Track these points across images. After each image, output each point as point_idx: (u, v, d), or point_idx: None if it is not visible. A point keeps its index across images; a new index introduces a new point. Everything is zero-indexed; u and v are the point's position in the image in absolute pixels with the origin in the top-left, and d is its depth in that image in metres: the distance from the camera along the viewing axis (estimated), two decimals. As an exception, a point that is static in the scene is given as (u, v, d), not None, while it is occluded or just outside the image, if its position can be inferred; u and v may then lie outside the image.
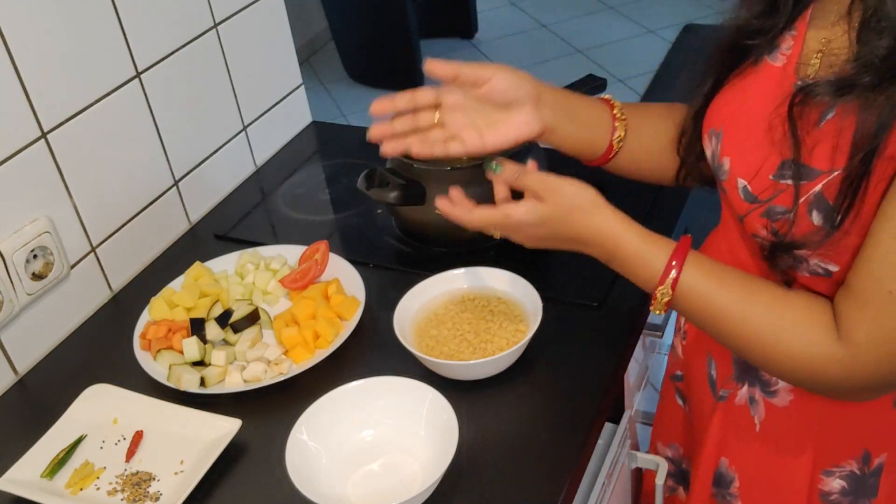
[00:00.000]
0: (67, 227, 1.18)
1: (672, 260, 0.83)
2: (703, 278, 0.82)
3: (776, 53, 0.83)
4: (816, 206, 0.75)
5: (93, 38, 1.17)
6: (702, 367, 0.99)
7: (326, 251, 1.18)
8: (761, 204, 0.81)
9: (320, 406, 0.95)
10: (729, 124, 0.86)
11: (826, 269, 0.78)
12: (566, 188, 0.87)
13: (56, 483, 0.96)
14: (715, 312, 0.82)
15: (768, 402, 0.91)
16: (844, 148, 0.72)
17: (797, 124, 0.75)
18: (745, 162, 0.83)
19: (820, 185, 0.74)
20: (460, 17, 4.39)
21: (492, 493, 0.90)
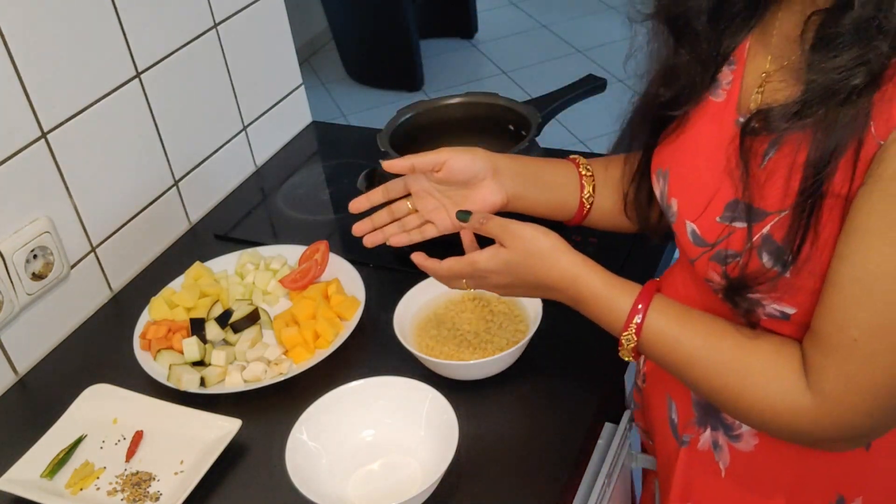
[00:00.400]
0: (67, 227, 1.18)
1: (637, 304, 0.81)
2: (669, 323, 0.80)
3: (717, 90, 0.81)
4: (766, 248, 0.72)
5: (93, 38, 1.17)
6: (662, 409, 0.97)
7: (326, 251, 1.18)
8: (710, 248, 0.78)
9: (320, 406, 0.95)
10: (675, 164, 0.84)
11: (783, 312, 0.75)
12: (525, 232, 0.87)
13: (56, 483, 0.96)
14: (682, 358, 0.80)
15: (733, 447, 0.87)
16: (792, 186, 0.69)
17: (749, 157, 0.72)
18: (691, 204, 0.81)
19: (768, 226, 0.72)
20: (460, 17, 4.39)
21: (492, 493, 0.90)
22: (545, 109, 1.29)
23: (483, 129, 1.36)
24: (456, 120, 1.36)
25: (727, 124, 0.78)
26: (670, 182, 0.84)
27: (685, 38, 0.82)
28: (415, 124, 1.32)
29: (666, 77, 0.84)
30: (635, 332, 0.81)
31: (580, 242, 1.22)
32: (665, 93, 0.84)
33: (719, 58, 0.81)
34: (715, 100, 0.81)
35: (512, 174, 0.98)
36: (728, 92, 0.80)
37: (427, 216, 1.00)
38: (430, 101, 1.35)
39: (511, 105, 1.31)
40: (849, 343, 0.68)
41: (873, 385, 0.69)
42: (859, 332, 0.68)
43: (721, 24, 0.80)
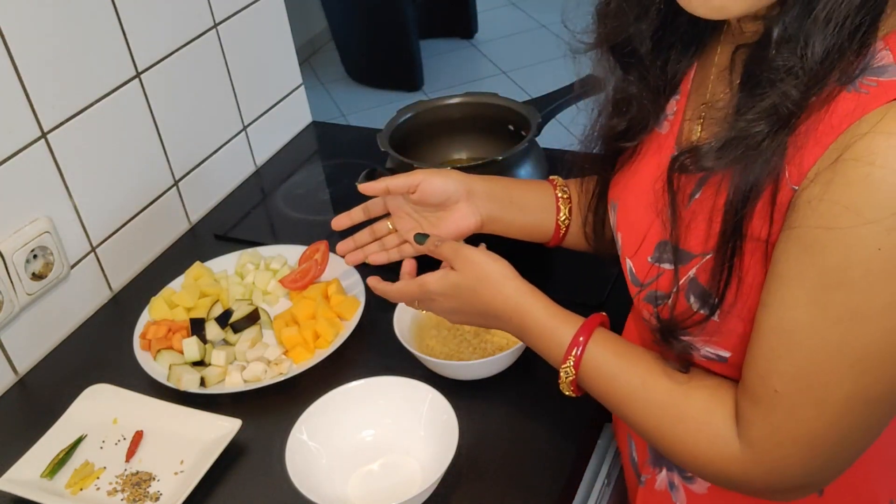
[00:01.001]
0: (67, 227, 1.18)
1: (578, 336, 0.80)
2: (608, 358, 0.79)
3: (663, 121, 0.80)
4: (692, 291, 0.71)
5: (93, 38, 1.17)
6: (625, 447, 0.96)
7: (326, 251, 1.18)
8: (643, 288, 0.78)
9: (320, 406, 0.95)
10: (622, 197, 0.83)
11: (718, 355, 0.73)
12: (476, 257, 0.87)
13: (56, 483, 0.96)
14: (618, 395, 0.79)
15: (687, 488, 0.86)
16: (714, 229, 0.68)
17: (676, 195, 0.71)
18: (630, 240, 0.80)
19: (694, 268, 0.71)
20: (460, 17, 4.39)
21: (492, 493, 0.90)
22: (545, 109, 1.29)
23: (483, 129, 1.36)
24: (456, 120, 1.36)
25: (666, 158, 0.76)
26: (618, 215, 0.84)
27: (632, 66, 0.80)
28: (415, 124, 1.32)
29: (617, 107, 0.83)
30: (573, 365, 0.80)
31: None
32: (618, 124, 0.83)
33: (668, 87, 0.80)
34: (660, 131, 0.80)
35: (487, 197, 0.99)
36: (671, 123, 0.79)
37: (405, 236, 1.02)
38: (430, 101, 1.35)
39: (511, 105, 1.31)
40: (771, 394, 0.67)
41: (799, 437, 0.67)
42: (781, 384, 0.66)
43: (664, 51, 0.79)
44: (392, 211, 1.03)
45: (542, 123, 1.27)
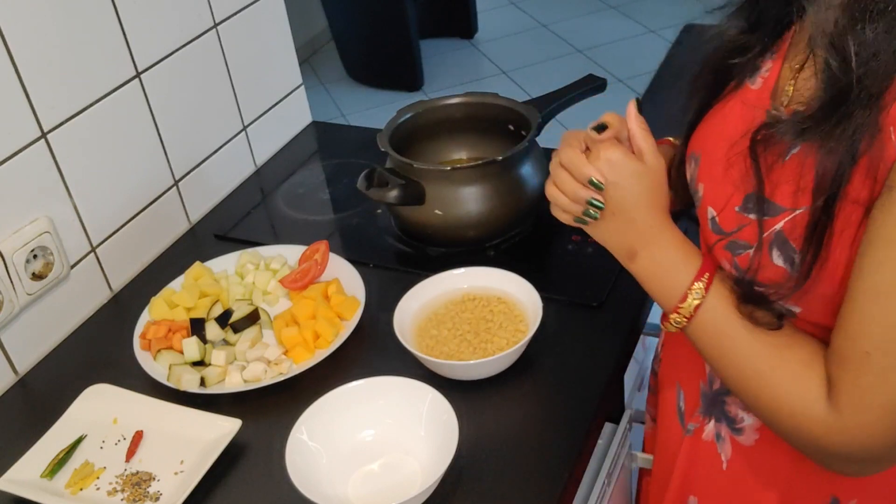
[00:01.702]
0: (67, 227, 1.18)
1: (703, 272, 0.79)
2: (724, 303, 0.78)
3: (756, 76, 0.80)
4: (777, 246, 0.72)
5: (93, 38, 1.17)
6: (672, 396, 0.97)
7: (326, 251, 1.18)
8: (726, 236, 0.78)
9: (320, 406, 0.95)
10: (706, 149, 0.83)
11: (788, 310, 0.75)
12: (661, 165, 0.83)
13: (56, 483, 0.96)
14: (725, 337, 0.78)
15: (735, 440, 0.88)
16: (806, 187, 0.68)
17: (759, 158, 0.72)
18: (715, 191, 0.80)
19: (781, 222, 0.71)
20: (460, 17, 4.39)
21: (492, 493, 0.90)
22: (545, 109, 1.29)
23: (483, 129, 1.36)
24: (456, 120, 1.36)
25: (759, 113, 0.76)
26: (700, 167, 0.84)
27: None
28: (415, 124, 1.33)
29: (738, 22, 0.82)
30: (705, 286, 0.78)
31: (580, 243, 1.23)
32: (735, 38, 0.82)
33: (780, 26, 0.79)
34: (752, 87, 0.80)
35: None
36: (764, 80, 0.79)
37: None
38: (430, 101, 1.35)
39: (511, 105, 1.31)
40: (861, 356, 0.67)
41: (886, 402, 0.67)
42: (871, 347, 0.66)
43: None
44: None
45: (542, 123, 1.27)
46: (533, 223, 1.29)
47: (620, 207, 0.82)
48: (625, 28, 4.34)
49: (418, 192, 1.19)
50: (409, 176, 1.20)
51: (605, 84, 1.38)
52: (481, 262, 1.14)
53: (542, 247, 1.25)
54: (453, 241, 1.25)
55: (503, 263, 1.12)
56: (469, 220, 1.21)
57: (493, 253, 1.24)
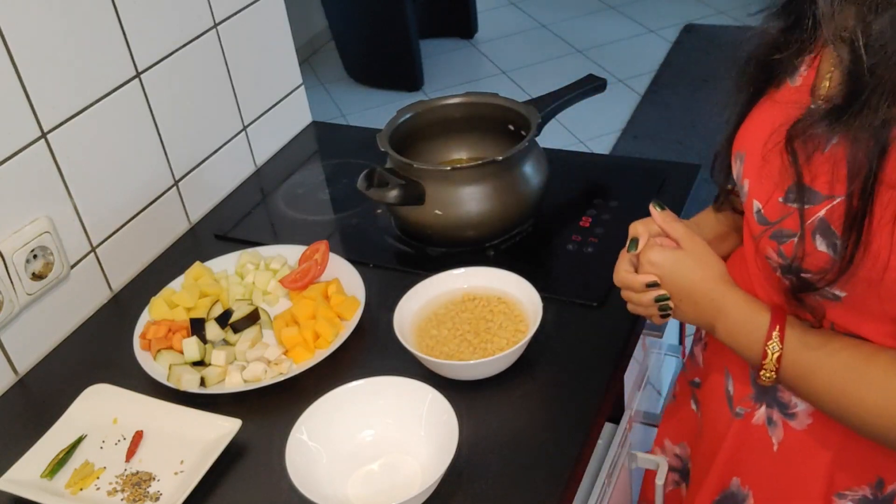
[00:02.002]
0: (67, 227, 1.18)
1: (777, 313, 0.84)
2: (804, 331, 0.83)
3: (796, 76, 0.83)
4: (821, 233, 0.75)
5: (93, 38, 1.17)
6: (720, 380, 0.99)
7: (326, 251, 1.18)
8: (770, 226, 0.82)
9: (320, 406, 0.95)
10: (751, 147, 0.86)
11: (833, 294, 0.78)
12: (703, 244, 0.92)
13: (56, 483, 0.96)
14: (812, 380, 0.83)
15: (787, 424, 0.91)
16: (842, 176, 0.72)
17: (798, 151, 0.76)
18: (760, 185, 0.84)
19: (823, 210, 0.74)
20: (460, 17, 4.39)
21: (492, 493, 0.90)
22: (545, 109, 1.29)
23: (483, 129, 1.36)
24: (456, 120, 1.36)
25: (799, 109, 0.79)
26: (745, 164, 0.87)
27: None
28: (415, 124, 1.33)
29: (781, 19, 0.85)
30: (779, 339, 0.83)
31: (580, 243, 1.23)
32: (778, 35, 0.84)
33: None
34: (792, 85, 0.83)
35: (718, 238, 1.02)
36: (804, 77, 0.82)
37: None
38: (430, 101, 1.35)
39: (511, 105, 1.31)
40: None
41: None
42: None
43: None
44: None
45: (542, 123, 1.27)
46: (533, 223, 1.29)
47: (681, 293, 0.91)
48: (625, 28, 4.34)
49: (418, 192, 1.19)
50: (409, 176, 1.20)
51: (605, 84, 1.39)
52: (481, 262, 1.14)
53: (542, 247, 1.25)
54: (453, 241, 1.25)
55: (503, 263, 1.13)
56: (469, 220, 1.21)
57: (493, 253, 1.24)
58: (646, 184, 1.34)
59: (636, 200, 1.31)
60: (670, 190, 1.33)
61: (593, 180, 1.40)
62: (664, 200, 1.30)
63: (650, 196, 1.31)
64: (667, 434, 1.18)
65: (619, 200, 1.32)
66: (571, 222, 1.28)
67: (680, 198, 1.31)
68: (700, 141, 3.32)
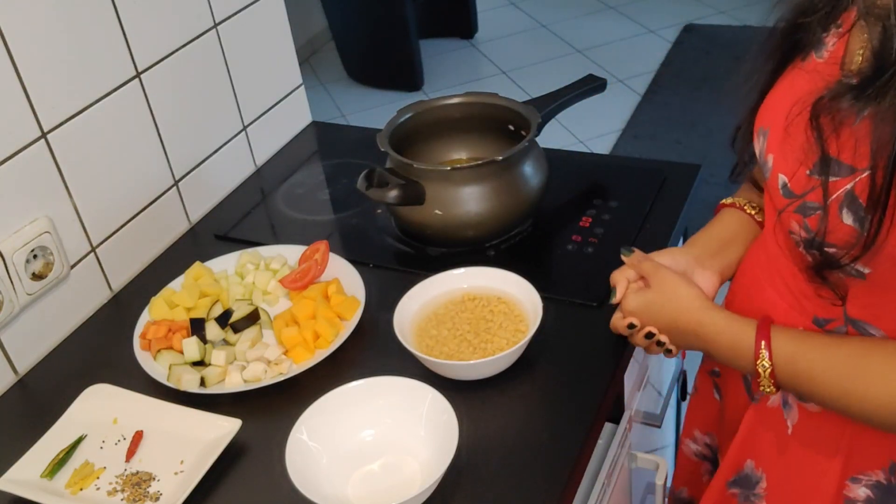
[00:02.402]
0: (67, 227, 1.18)
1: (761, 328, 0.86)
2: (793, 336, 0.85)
3: (822, 50, 0.82)
4: (848, 206, 0.74)
5: (93, 38, 1.17)
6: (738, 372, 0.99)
7: (326, 251, 1.18)
8: (796, 199, 0.81)
9: (320, 406, 0.95)
10: (775, 122, 0.86)
11: (857, 271, 0.77)
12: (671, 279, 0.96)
13: (56, 483, 0.96)
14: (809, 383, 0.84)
15: (802, 407, 0.91)
16: (865, 151, 0.71)
17: (822, 125, 0.75)
18: (786, 158, 0.83)
19: (851, 182, 0.73)
20: (460, 17, 4.39)
21: (492, 493, 0.90)
22: (545, 109, 1.29)
23: (483, 130, 1.36)
24: (456, 120, 1.36)
25: (829, 83, 0.78)
26: (769, 139, 0.86)
27: None
28: (415, 124, 1.33)
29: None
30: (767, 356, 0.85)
31: (580, 243, 1.23)
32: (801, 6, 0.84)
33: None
34: (819, 60, 0.82)
35: (708, 253, 1.03)
36: (831, 52, 0.81)
37: None
38: (430, 101, 1.35)
39: (511, 105, 1.31)
40: None
41: None
42: None
43: None
44: None
45: (542, 123, 1.27)
46: (533, 223, 1.29)
47: (664, 329, 0.96)
48: (625, 28, 4.34)
49: (418, 192, 1.19)
50: (409, 176, 1.20)
51: (605, 84, 1.39)
52: (481, 262, 1.14)
53: (542, 247, 1.25)
54: (453, 241, 1.25)
55: (503, 263, 1.12)
56: (469, 220, 1.21)
57: (493, 253, 1.24)
58: (646, 184, 1.34)
59: (636, 200, 1.31)
60: (670, 190, 1.33)
61: (593, 180, 1.40)
62: (664, 200, 1.31)
63: (650, 196, 1.31)
64: (695, 425, 1.19)
65: (619, 200, 1.32)
66: (571, 222, 1.28)
67: (680, 198, 1.31)
68: (700, 141, 3.31)
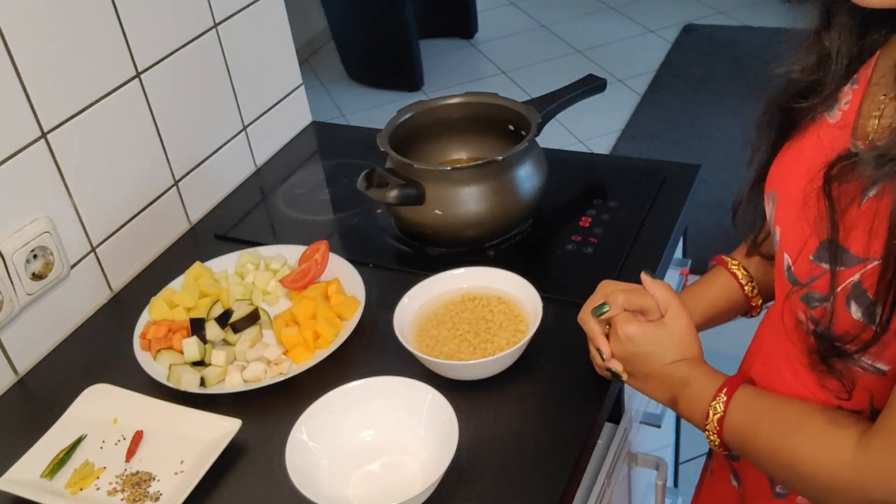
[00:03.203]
0: (67, 227, 1.18)
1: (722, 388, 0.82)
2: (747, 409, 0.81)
3: (835, 109, 0.76)
4: (855, 298, 0.68)
5: (93, 38, 1.17)
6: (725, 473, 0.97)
7: (326, 251, 1.18)
8: (801, 287, 0.75)
9: (320, 406, 0.95)
10: (784, 189, 0.80)
11: (875, 367, 0.72)
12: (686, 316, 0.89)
13: (56, 483, 0.96)
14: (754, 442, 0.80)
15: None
16: (881, 233, 0.64)
17: (834, 199, 0.68)
18: (792, 235, 0.77)
19: (858, 273, 0.67)
20: (460, 17, 4.39)
21: (492, 493, 0.90)
22: (545, 109, 1.29)
23: (483, 129, 1.36)
24: (456, 120, 1.36)
25: (838, 149, 0.72)
26: (777, 208, 0.81)
27: (834, 20, 0.76)
28: (415, 124, 1.33)
29: (805, 61, 0.80)
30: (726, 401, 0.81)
31: (580, 243, 1.23)
32: (802, 77, 0.79)
33: (856, 59, 0.76)
34: (830, 120, 0.76)
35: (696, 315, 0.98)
36: (844, 113, 0.75)
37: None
38: (430, 101, 1.35)
39: (511, 105, 1.31)
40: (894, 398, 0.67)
41: None
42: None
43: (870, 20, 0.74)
44: None
45: (542, 123, 1.27)
46: (533, 223, 1.29)
47: (651, 371, 0.89)
48: (625, 28, 4.34)
49: (418, 193, 1.19)
50: (409, 176, 1.20)
51: (605, 84, 1.39)
52: (481, 262, 1.14)
53: (542, 247, 1.25)
54: (453, 241, 1.25)
55: (503, 263, 1.12)
56: (469, 220, 1.21)
57: (493, 253, 1.24)
58: (645, 184, 1.34)
59: (636, 200, 1.31)
60: (670, 190, 1.33)
61: (593, 180, 1.40)
62: (664, 200, 1.31)
63: (650, 196, 1.31)
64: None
65: (619, 200, 1.32)
66: (571, 222, 1.28)
67: (679, 198, 1.31)
68: (700, 141, 3.32)
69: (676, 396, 0.88)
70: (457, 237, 1.24)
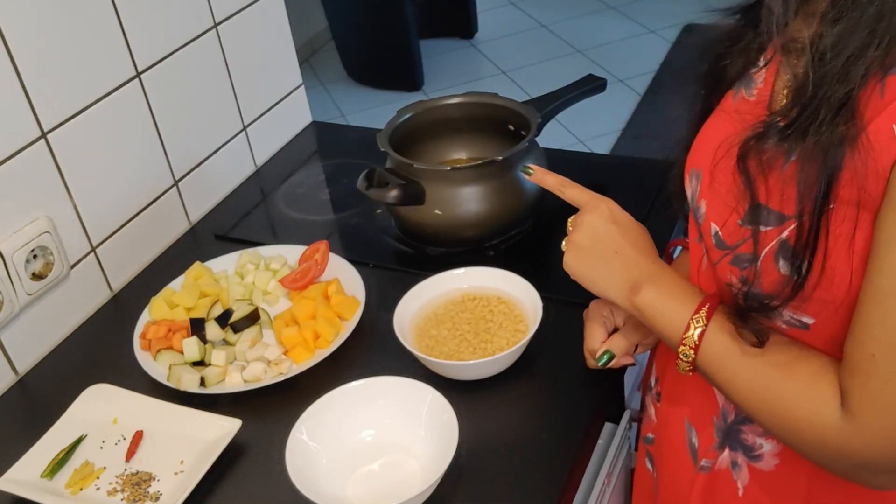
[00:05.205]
0: (67, 227, 1.18)
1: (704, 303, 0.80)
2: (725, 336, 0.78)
3: (752, 88, 0.80)
4: (783, 255, 0.71)
5: (93, 38, 1.17)
6: (680, 434, 0.93)
7: (326, 251, 1.18)
8: (730, 251, 0.77)
9: (320, 406, 0.95)
10: (707, 164, 0.82)
11: (801, 321, 0.74)
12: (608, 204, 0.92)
13: (56, 483, 0.96)
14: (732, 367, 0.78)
15: (752, 467, 0.86)
16: (792, 194, 0.68)
17: (751, 168, 0.72)
18: (718, 206, 0.80)
19: (786, 231, 0.70)
20: (460, 17, 4.39)
21: (492, 493, 0.90)
22: (545, 109, 1.29)
23: (483, 129, 1.36)
24: (456, 120, 1.36)
25: (755, 122, 0.75)
26: (702, 183, 0.83)
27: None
28: (414, 124, 1.33)
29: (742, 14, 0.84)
30: (707, 315, 0.79)
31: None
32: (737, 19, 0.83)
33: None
34: (748, 98, 0.80)
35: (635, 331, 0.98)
36: (760, 90, 0.79)
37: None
38: (430, 101, 1.35)
39: (510, 105, 1.31)
40: (868, 359, 0.67)
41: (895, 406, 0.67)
42: (878, 349, 0.66)
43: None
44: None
45: (542, 123, 1.27)
46: (533, 223, 1.29)
47: (620, 248, 0.89)
48: (625, 28, 4.34)
49: (418, 192, 1.19)
50: (409, 176, 1.20)
51: (605, 84, 1.39)
52: (481, 262, 1.14)
53: (542, 247, 1.25)
54: (453, 241, 1.25)
55: (503, 263, 1.12)
56: (469, 220, 1.21)
57: (493, 253, 1.24)
58: (646, 184, 1.34)
59: (636, 200, 1.31)
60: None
61: (593, 180, 1.39)
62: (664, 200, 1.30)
63: (650, 196, 1.31)
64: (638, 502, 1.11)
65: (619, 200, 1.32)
66: (571, 222, 1.28)
67: (680, 198, 1.31)
68: (700, 141, 3.32)
69: (641, 283, 0.85)
70: (457, 237, 1.24)
